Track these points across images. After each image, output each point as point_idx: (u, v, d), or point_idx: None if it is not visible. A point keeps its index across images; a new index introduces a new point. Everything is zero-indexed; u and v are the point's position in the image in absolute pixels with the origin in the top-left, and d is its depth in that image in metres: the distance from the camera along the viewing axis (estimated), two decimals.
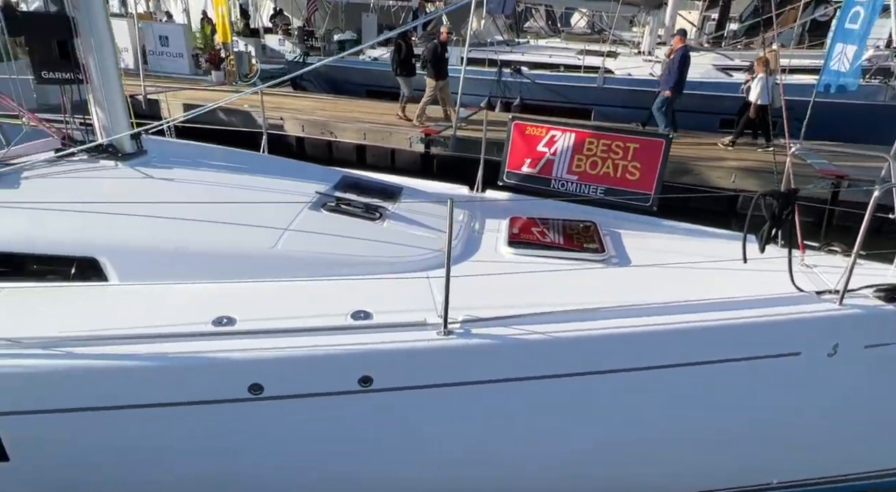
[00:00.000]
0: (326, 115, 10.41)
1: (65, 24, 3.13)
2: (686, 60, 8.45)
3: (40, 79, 3.24)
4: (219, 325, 2.43)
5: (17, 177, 3.00)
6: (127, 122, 3.48)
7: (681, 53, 8.42)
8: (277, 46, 17.10)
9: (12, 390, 2.21)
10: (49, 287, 2.66)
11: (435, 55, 9.03)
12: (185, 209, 2.97)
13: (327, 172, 4.08)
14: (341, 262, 2.89)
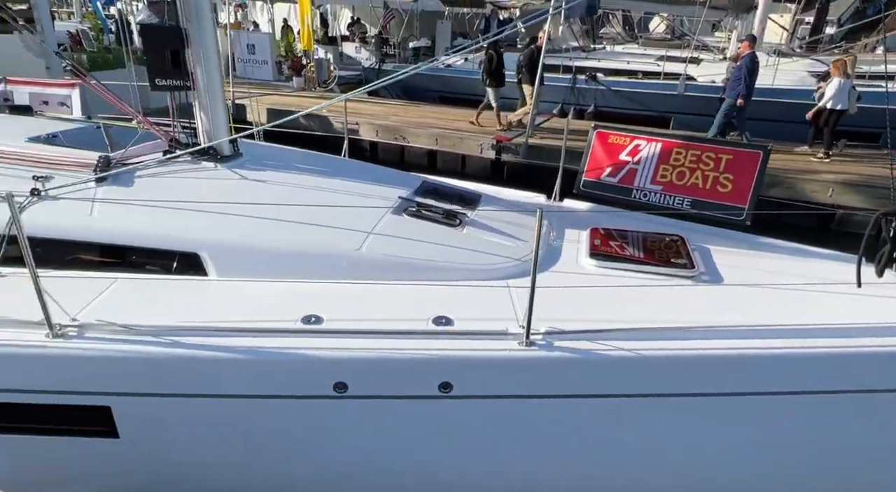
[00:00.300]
0: (399, 120, 10.65)
1: (178, 36, 3.38)
2: (755, 67, 8.03)
3: (154, 85, 3.51)
4: (308, 323, 2.53)
5: (131, 176, 3.26)
6: (227, 126, 3.70)
7: (749, 59, 8.00)
8: (354, 54, 17.67)
9: (125, 372, 2.39)
10: (155, 279, 2.87)
11: (531, 61, 8.91)
12: (276, 210, 3.12)
13: (407, 177, 4.16)
14: (422, 266, 2.94)
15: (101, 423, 2.48)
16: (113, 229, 2.93)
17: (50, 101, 5.44)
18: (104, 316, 2.47)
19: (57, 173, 3.15)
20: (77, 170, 3.20)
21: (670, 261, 3.04)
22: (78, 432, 2.53)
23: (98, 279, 2.79)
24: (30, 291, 2.32)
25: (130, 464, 2.68)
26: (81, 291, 2.64)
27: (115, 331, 2.40)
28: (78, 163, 3.25)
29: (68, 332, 2.37)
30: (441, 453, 2.72)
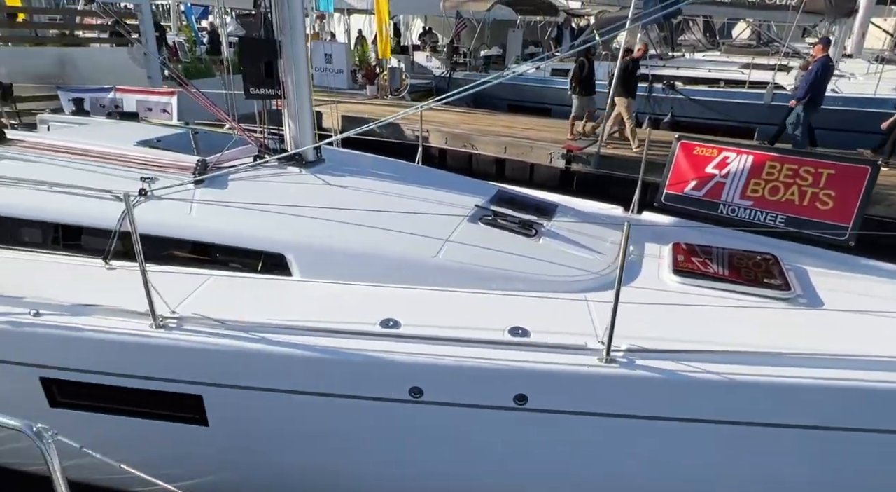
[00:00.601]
0: (468, 128, 10.72)
1: (273, 48, 3.57)
2: (827, 72, 7.61)
3: (248, 94, 3.72)
4: (386, 327, 2.58)
5: (225, 179, 3.47)
6: (312, 133, 3.86)
7: (821, 64, 7.55)
8: (425, 62, 18.00)
9: (216, 364, 2.54)
10: (244, 277, 3.03)
11: (625, 73, 8.53)
12: (357, 214, 3.22)
13: (482, 185, 4.17)
14: (499, 276, 2.93)
15: (193, 410, 2.64)
16: (208, 229, 3.12)
17: (153, 107, 5.91)
18: (200, 310, 2.64)
19: (161, 175, 3.40)
20: (178, 172, 3.44)
21: (763, 281, 2.87)
22: (171, 417, 2.70)
23: (194, 275, 2.98)
24: (137, 284, 2.51)
25: (216, 451, 2.83)
26: (179, 286, 2.83)
27: (210, 325, 2.55)
28: (179, 165, 3.49)
29: (169, 323, 2.55)
30: (512, 464, 2.69)
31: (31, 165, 3.52)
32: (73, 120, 4.90)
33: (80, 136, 4.01)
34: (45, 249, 3.21)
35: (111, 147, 3.68)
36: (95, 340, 2.53)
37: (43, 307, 2.61)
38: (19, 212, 3.21)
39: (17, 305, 2.64)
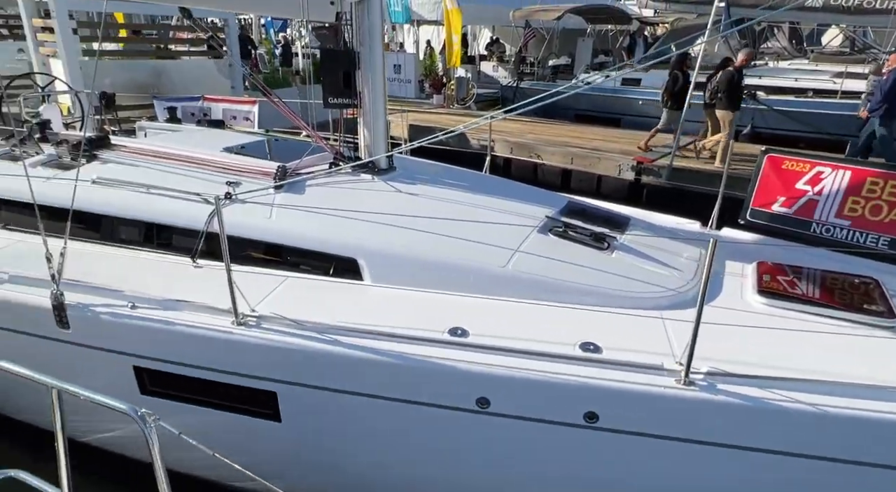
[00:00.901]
0: (534, 138, 10.63)
1: (352, 59, 3.69)
2: None
3: (327, 103, 3.87)
4: (454, 335, 2.58)
5: (303, 184, 3.61)
6: (385, 142, 3.96)
7: None
8: (491, 72, 18.06)
9: (291, 363, 2.63)
10: (318, 280, 3.13)
11: (730, 84, 7.85)
12: (428, 222, 3.25)
13: (552, 195, 4.12)
14: (570, 289, 2.87)
15: (267, 406, 2.75)
16: (286, 232, 3.25)
17: (237, 116, 6.27)
18: (277, 310, 2.75)
19: (244, 180, 3.58)
20: (260, 177, 3.62)
21: (862, 306, 2.64)
22: (247, 411, 2.83)
23: (272, 276, 3.11)
24: (221, 282, 2.65)
25: (287, 447, 2.93)
26: (258, 286, 2.96)
27: (286, 324, 2.65)
28: (261, 171, 3.67)
29: (249, 321, 2.67)
30: (578, 482, 2.61)
31: (131, 168, 3.81)
32: (167, 127, 5.28)
33: (173, 142, 4.30)
34: (141, 246, 3.46)
35: (200, 153, 3.93)
36: (183, 333, 2.69)
37: (139, 301, 2.81)
38: (120, 211, 3.48)
39: (116, 297, 2.85)
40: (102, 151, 4.05)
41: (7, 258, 3.29)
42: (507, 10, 14.57)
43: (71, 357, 2.92)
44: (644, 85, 12.11)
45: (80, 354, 2.90)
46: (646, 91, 11.91)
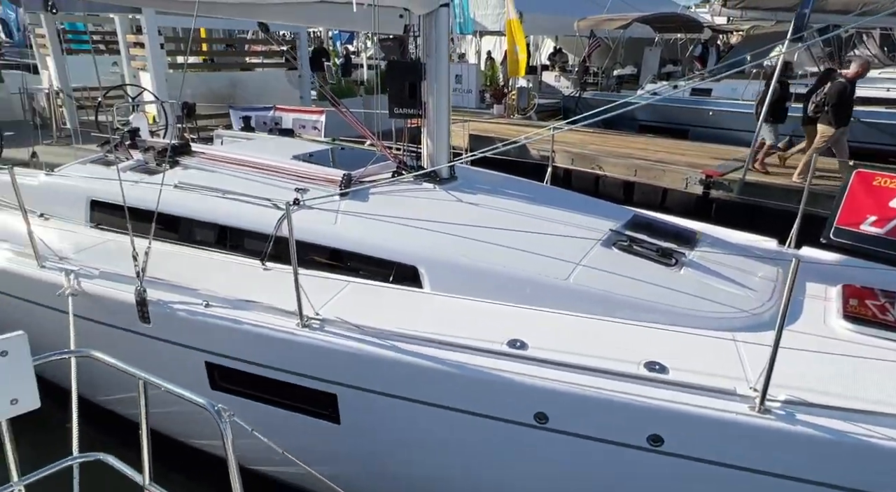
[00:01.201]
0: (596, 149, 10.43)
1: (418, 70, 3.77)
2: None
3: (392, 113, 3.96)
4: (513, 347, 2.55)
5: (367, 192, 3.70)
6: (448, 152, 4.00)
7: None
8: (553, 82, 17.90)
9: (352, 367, 2.69)
10: (379, 286, 3.19)
11: (842, 97, 7.13)
12: (488, 232, 3.25)
13: (617, 208, 4.01)
14: (634, 305, 2.78)
15: (327, 407, 2.81)
16: (350, 238, 3.34)
17: (306, 125, 6.53)
18: (339, 314, 2.82)
19: (311, 186, 3.71)
20: (326, 185, 3.74)
21: None
22: (307, 411, 2.91)
23: (335, 280, 3.20)
24: (287, 285, 2.74)
25: (345, 449, 2.98)
26: (322, 289, 3.05)
27: (348, 329, 2.71)
28: (327, 178, 3.80)
29: (313, 324, 2.75)
30: None
31: (209, 174, 4.04)
32: (241, 135, 5.56)
33: (247, 149, 4.53)
34: (216, 247, 3.65)
35: (271, 160, 4.11)
36: (251, 332, 2.81)
37: (212, 300, 2.96)
38: (198, 214, 3.70)
39: (192, 296, 3.02)
40: (184, 157, 4.33)
41: (98, 255, 3.55)
42: (570, 20, 14.43)
43: (150, 350, 3.11)
44: (715, 95, 11.63)
45: (158, 348, 3.08)
46: (719, 101, 11.43)
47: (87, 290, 3.19)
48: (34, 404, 1.83)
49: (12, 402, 1.77)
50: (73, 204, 4.09)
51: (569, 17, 14.76)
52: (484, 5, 15.24)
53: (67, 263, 3.41)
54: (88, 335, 3.04)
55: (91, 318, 3.21)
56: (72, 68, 9.91)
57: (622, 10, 15.89)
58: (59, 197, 4.17)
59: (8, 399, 1.76)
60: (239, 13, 4.34)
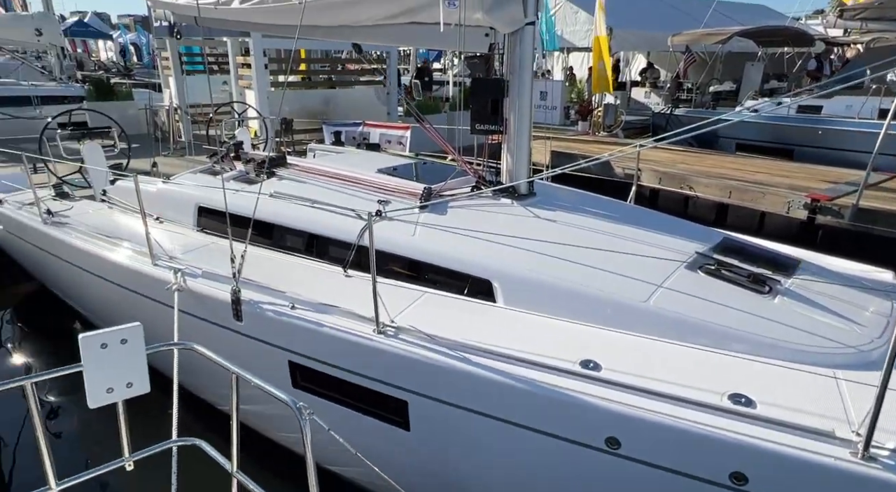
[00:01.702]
0: (687, 168, 9.94)
1: (500, 87, 3.82)
2: None
3: (474, 129, 4.03)
4: (586, 367, 2.49)
5: (445, 206, 3.79)
6: (527, 168, 4.00)
7: None
8: (643, 99, 17.34)
9: (423, 375, 2.74)
10: (453, 298, 3.23)
11: None
12: (565, 250, 3.20)
13: (705, 230, 3.81)
14: (718, 333, 2.62)
15: (398, 414, 2.89)
16: (427, 250, 3.42)
17: (391, 140, 6.79)
18: (414, 323, 2.89)
19: (394, 199, 3.86)
20: (407, 197, 3.87)
21: None
22: (379, 416, 3.00)
23: (411, 290, 3.29)
24: (366, 292, 2.86)
25: (414, 456, 3.04)
26: (399, 298, 3.15)
27: (421, 338, 2.77)
28: (409, 192, 3.92)
29: (388, 331, 2.85)
30: None
31: (301, 184, 4.31)
32: (331, 149, 5.89)
33: (336, 162, 4.79)
34: (303, 253, 3.88)
35: (358, 173, 4.32)
36: (330, 335, 2.95)
37: (297, 302, 3.15)
38: (289, 222, 3.95)
39: (280, 297, 3.23)
40: (280, 168, 4.65)
41: (202, 256, 3.90)
42: (663, 36, 13.94)
43: (241, 346, 3.35)
44: (826, 113, 10.73)
45: (248, 345, 3.32)
46: (831, 119, 10.53)
47: (191, 287, 3.51)
48: (145, 389, 2.04)
49: (127, 385, 1.99)
50: (183, 209, 4.53)
51: (661, 32, 14.28)
52: (572, 22, 15.13)
53: (176, 262, 3.77)
54: (189, 328, 3.33)
55: (192, 313, 3.52)
56: (189, 87, 11.00)
57: (722, 23, 15.14)
58: (172, 203, 4.62)
59: (124, 382, 1.98)
60: (336, 35, 4.63)
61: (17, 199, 5.63)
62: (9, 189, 5.80)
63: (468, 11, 3.49)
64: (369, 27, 4.28)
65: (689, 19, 15.79)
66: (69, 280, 5.01)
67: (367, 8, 4.01)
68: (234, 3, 4.84)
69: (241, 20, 5.01)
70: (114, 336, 1.93)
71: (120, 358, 1.95)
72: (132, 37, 31.29)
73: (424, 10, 3.73)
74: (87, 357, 1.90)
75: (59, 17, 18.64)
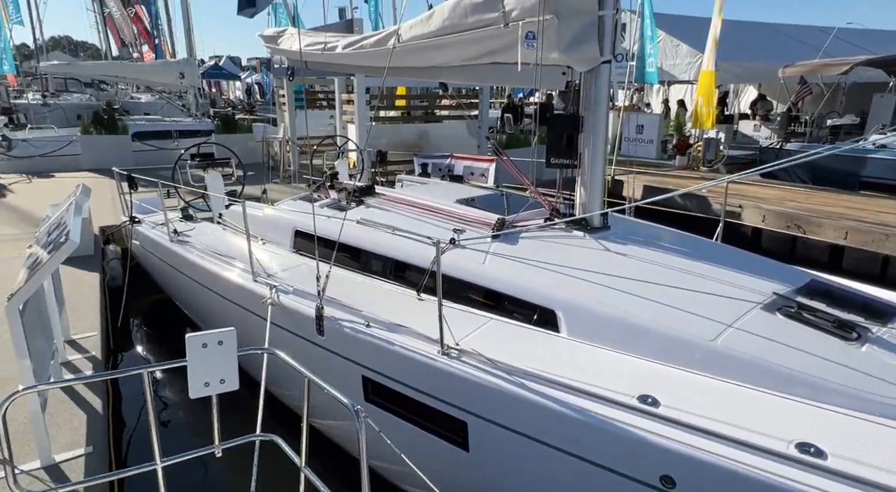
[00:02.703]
0: (797, 206, 9.23)
1: (576, 123, 3.91)
2: None
3: (549, 163, 4.14)
4: (643, 402, 2.46)
5: (517, 236, 3.90)
6: (601, 201, 4.02)
7: None
8: (751, 132, 16.36)
9: (483, 398, 2.84)
10: (517, 325, 3.32)
11: None
12: (633, 284, 3.18)
13: (790, 271, 3.59)
14: (791, 378, 2.47)
15: (458, 434, 2.99)
16: (495, 277, 3.55)
17: (475, 172, 7.05)
18: (477, 347, 3.01)
19: (468, 228, 4.04)
20: (481, 227, 4.04)
21: None
22: (440, 434, 3.12)
23: (478, 316, 3.42)
24: (435, 315, 3.03)
25: (472, 477, 3.11)
26: (466, 323, 3.29)
27: (483, 362, 2.89)
28: (483, 222, 4.10)
29: (451, 352, 2.99)
30: None
31: (385, 212, 4.65)
32: (417, 180, 6.25)
33: (420, 193, 5.09)
34: (382, 276, 4.16)
35: (438, 203, 4.57)
36: (399, 354, 3.15)
37: (373, 321, 3.40)
38: (370, 246, 4.27)
39: (358, 316, 3.50)
40: (368, 197, 5.04)
41: (294, 275, 4.32)
42: (775, 67, 13.16)
43: (322, 359, 3.65)
44: None
45: (327, 358, 3.61)
46: None
47: (283, 302, 3.90)
48: (235, 386, 2.35)
49: (221, 381, 2.31)
50: (282, 232, 5.04)
51: (769, 62, 13.49)
52: (672, 55, 14.77)
53: (272, 280, 4.20)
54: (278, 339, 3.70)
55: (282, 325, 3.90)
56: (299, 121, 12.14)
57: (845, 51, 14.03)
58: (274, 226, 5.16)
59: (218, 379, 2.31)
60: (424, 75, 5.01)
61: (151, 219, 6.55)
62: (146, 211, 6.77)
63: (545, 51, 3.65)
64: (454, 67, 4.59)
65: (806, 48, 14.80)
66: (186, 291, 5.71)
67: (452, 50, 4.33)
68: (338, 48, 5.41)
69: (343, 63, 5.57)
70: (213, 338, 2.27)
71: (216, 357, 2.28)
72: (257, 77, 35.05)
73: (504, 51, 3.96)
74: (191, 354, 2.24)
75: (199, 61, 21.40)
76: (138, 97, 26.36)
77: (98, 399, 3.72)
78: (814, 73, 12.80)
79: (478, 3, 3.95)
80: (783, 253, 8.47)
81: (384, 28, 5.36)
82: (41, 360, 3.32)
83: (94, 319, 5.06)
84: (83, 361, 4.29)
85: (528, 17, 3.66)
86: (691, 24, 15.21)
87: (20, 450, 3.13)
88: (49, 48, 33.09)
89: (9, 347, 2.96)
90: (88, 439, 3.28)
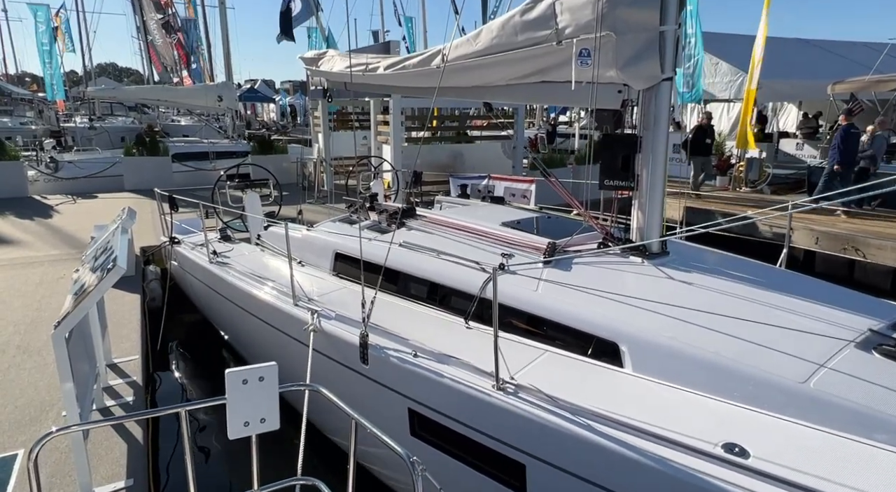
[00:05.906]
0: (852, 228, 8.75)
1: (633, 143, 3.72)
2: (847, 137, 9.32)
3: (602, 185, 3.94)
4: (730, 452, 2.21)
5: (570, 262, 3.70)
6: (660, 226, 3.79)
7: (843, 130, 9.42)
8: (794, 151, 15.80)
9: (543, 438, 2.61)
10: (576, 359, 3.09)
11: None
12: (704, 316, 2.93)
13: (880, 304, 3.28)
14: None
15: (515, 477, 2.76)
16: (551, 307, 3.34)
17: (516, 193, 6.87)
18: (534, 382, 2.80)
19: (517, 252, 3.86)
20: (531, 252, 3.84)
21: None
22: (495, 476, 2.89)
23: (532, 347, 3.21)
24: (486, 345, 2.84)
25: None
26: (519, 354, 3.08)
27: (541, 399, 2.67)
28: (532, 245, 3.90)
29: (507, 388, 2.78)
30: None
31: (428, 235, 4.50)
32: (458, 201, 6.11)
33: (462, 215, 4.93)
34: (427, 302, 3.99)
35: (483, 225, 4.40)
36: (449, 387, 2.95)
37: (420, 351, 3.22)
38: (415, 271, 4.12)
39: (404, 344, 3.33)
40: (410, 219, 4.91)
41: (336, 300, 4.18)
42: (822, 85, 12.69)
43: (365, 389, 3.48)
44: None
45: (372, 388, 3.44)
46: None
47: (325, 328, 3.75)
48: (276, 426, 2.19)
49: (261, 420, 2.15)
50: (322, 254, 4.93)
51: (819, 81, 13.00)
52: (711, 73, 14.43)
53: (313, 304, 4.07)
54: (319, 367, 3.54)
55: (324, 352, 3.75)
56: (333, 142, 12.22)
57: (892, 68, 13.46)
58: (313, 248, 5.07)
59: (258, 418, 2.15)
60: (469, 95, 4.88)
61: (190, 240, 6.56)
62: (185, 231, 6.79)
63: (601, 69, 3.49)
64: (500, 86, 4.46)
65: (854, 65, 14.28)
66: (224, 313, 5.64)
67: (500, 69, 4.20)
68: (380, 69, 5.35)
69: (385, 84, 5.51)
70: (253, 373, 2.11)
71: (257, 394, 2.12)
72: (291, 99, 35.89)
73: (556, 69, 3.81)
74: (230, 392, 2.09)
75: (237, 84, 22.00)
76: (178, 120, 27.21)
77: (139, 428, 3.62)
78: (865, 89, 12.28)
79: (529, 21, 3.82)
80: (841, 278, 8.00)
81: (426, 49, 5.28)
82: (84, 385, 3.24)
83: (135, 341, 5.02)
84: (124, 387, 4.22)
85: (583, 34, 3.51)
86: (733, 42, 14.88)
87: (60, 481, 3.03)
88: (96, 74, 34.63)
89: (53, 369, 2.87)
90: (129, 472, 3.17)
